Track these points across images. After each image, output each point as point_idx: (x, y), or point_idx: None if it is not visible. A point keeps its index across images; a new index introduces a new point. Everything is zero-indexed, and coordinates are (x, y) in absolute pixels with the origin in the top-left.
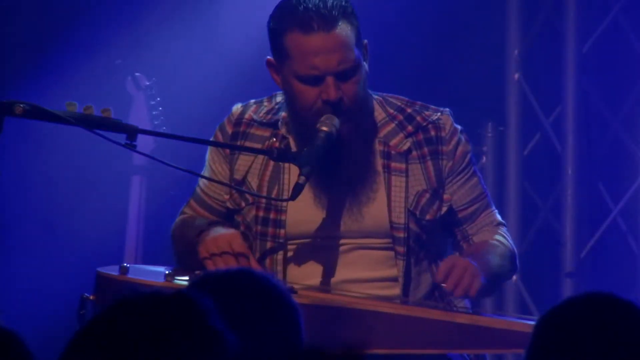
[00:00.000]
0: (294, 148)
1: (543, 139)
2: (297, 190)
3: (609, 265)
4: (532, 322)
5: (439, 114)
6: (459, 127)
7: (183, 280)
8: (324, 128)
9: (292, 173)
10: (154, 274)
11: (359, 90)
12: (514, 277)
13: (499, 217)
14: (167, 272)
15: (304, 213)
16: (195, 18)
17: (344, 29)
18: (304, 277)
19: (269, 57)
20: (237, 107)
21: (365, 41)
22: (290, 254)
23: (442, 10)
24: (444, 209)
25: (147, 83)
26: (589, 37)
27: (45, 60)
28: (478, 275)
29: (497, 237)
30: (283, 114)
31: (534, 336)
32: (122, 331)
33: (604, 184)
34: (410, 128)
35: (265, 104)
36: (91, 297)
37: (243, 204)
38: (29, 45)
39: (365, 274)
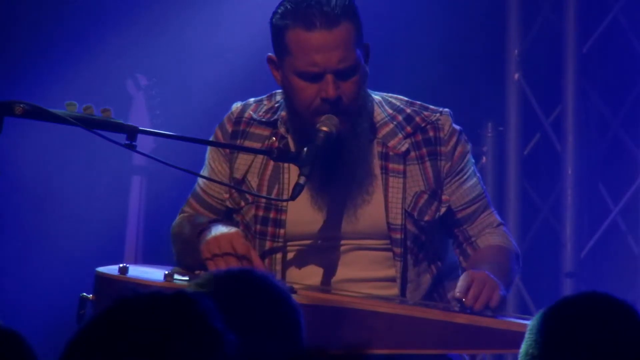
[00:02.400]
0: (292, 147)
1: (543, 139)
2: (297, 190)
3: (609, 265)
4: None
5: (438, 114)
6: (458, 127)
7: (183, 280)
8: (324, 128)
9: (292, 172)
10: (154, 274)
11: (358, 91)
12: None
13: (498, 218)
14: (166, 272)
15: (304, 213)
16: (196, 18)
17: (345, 28)
18: (303, 277)
19: (270, 54)
20: (236, 106)
21: (367, 43)
22: (289, 254)
23: (442, 10)
24: (443, 209)
25: (147, 83)
26: (589, 37)
27: (45, 60)
28: (497, 287)
29: (503, 239)
30: (282, 113)
31: (531, 333)
32: (122, 331)
33: (604, 184)
34: (408, 129)
35: (265, 102)
36: (90, 297)
37: (243, 203)
38: (29, 45)
39: (364, 274)
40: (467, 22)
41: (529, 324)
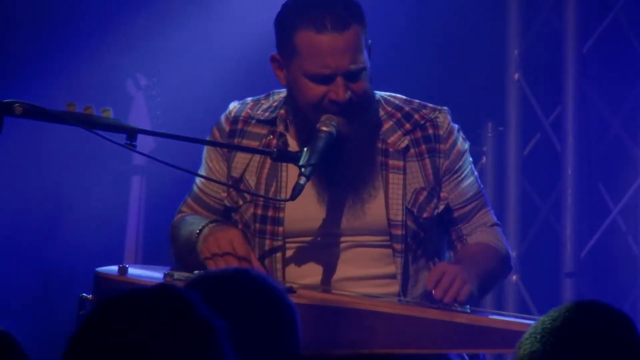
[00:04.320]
0: (292, 145)
1: (543, 139)
2: (297, 190)
3: (609, 265)
4: (532, 322)
5: (436, 112)
6: (456, 125)
7: (182, 280)
8: (324, 128)
9: (289, 170)
10: (153, 274)
11: (367, 91)
12: (514, 277)
13: (494, 218)
14: (165, 272)
15: (302, 211)
16: (196, 18)
17: (356, 31)
18: (303, 274)
19: (273, 53)
20: (234, 105)
21: (370, 41)
22: (289, 251)
23: (442, 11)
24: (441, 207)
25: (147, 83)
26: (589, 37)
27: (45, 61)
28: (468, 281)
29: (491, 238)
30: (281, 111)
31: (527, 341)
32: (107, 333)
33: (604, 184)
34: (408, 126)
35: (263, 101)
36: (90, 298)
37: (241, 202)
38: (29, 45)
39: (363, 272)
40: (467, 22)
41: (528, 329)
